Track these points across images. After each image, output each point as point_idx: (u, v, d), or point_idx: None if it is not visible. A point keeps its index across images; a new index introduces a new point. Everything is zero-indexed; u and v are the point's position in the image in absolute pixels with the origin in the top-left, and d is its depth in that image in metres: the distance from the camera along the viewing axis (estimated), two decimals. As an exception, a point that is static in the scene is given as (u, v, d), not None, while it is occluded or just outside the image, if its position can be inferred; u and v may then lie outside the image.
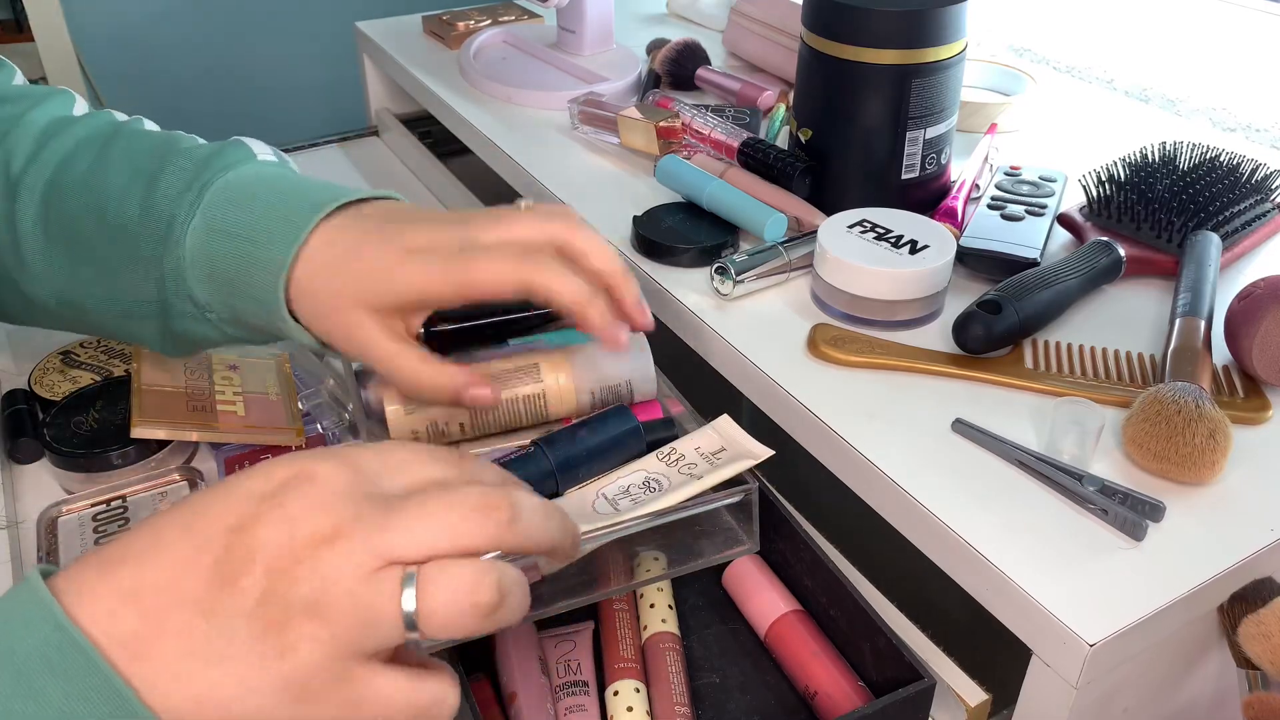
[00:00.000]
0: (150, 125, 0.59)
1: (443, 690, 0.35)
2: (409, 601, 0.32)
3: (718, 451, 0.54)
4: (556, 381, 0.57)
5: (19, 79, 0.61)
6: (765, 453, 0.53)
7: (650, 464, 0.54)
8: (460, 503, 0.34)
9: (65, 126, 0.56)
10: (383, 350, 0.49)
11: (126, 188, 0.52)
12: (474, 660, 0.55)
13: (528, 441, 0.55)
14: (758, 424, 0.57)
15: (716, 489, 0.51)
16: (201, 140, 0.56)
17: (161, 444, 0.63)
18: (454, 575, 0.33)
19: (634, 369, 0.58)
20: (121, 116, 0.59)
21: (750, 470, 0.52)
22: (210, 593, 0.32)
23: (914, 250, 0.62)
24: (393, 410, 0.55)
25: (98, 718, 0.31)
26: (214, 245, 0.51)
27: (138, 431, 0.61)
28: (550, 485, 0.53)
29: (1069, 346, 0.60)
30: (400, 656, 0.35)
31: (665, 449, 0.55)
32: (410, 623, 0.32)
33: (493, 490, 0.35)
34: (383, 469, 0.35)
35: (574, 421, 0.57)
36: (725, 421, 0.55)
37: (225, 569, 0.32)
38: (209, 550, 0.32)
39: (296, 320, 0.50)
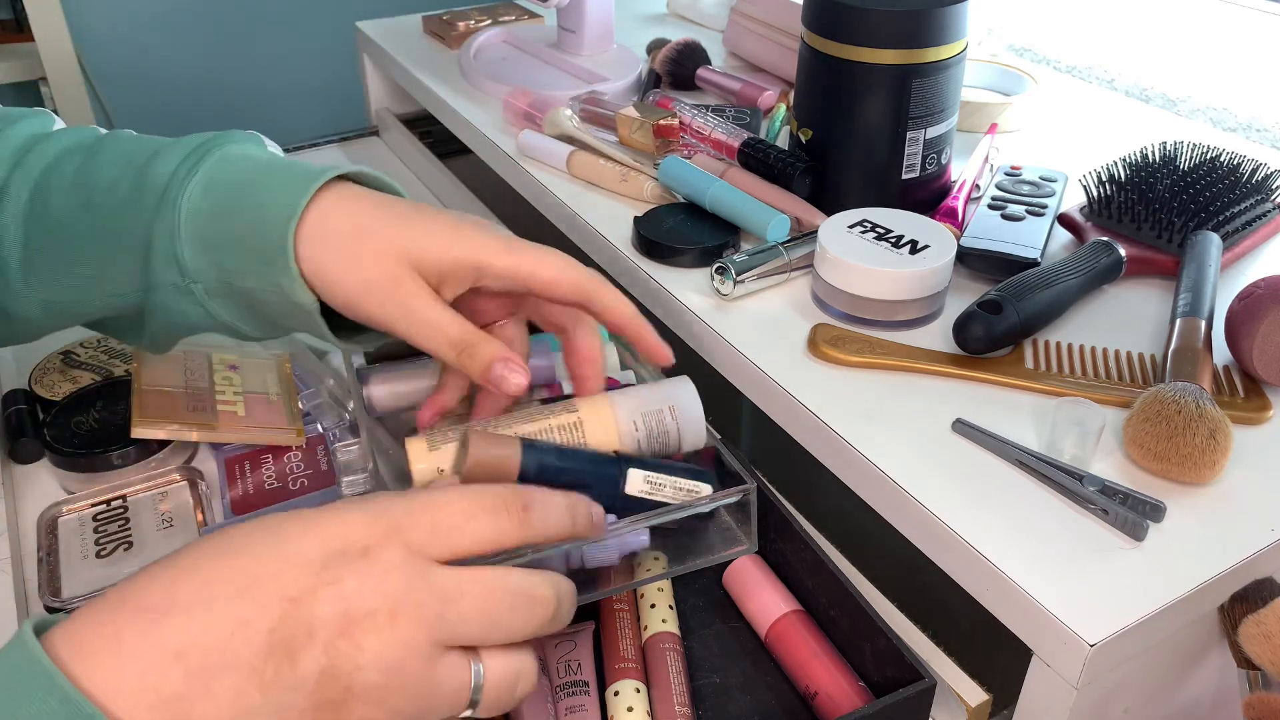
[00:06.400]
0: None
1: None
2: (478, 692, 0.35)
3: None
4: (594, 408, 0.51)
5: None
6: None
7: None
8: (510, 592, 0.35)
9: (46, 139, 0.53)
10: (431, 311, 0.45)
11: (117, 178, 0.49)
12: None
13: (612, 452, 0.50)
14: (757, 424, 0.56)
15: (715, 489, 0.51)
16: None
17: (162, 444, 0.63)
18: (506, 668, 0.36)
19: (674, 394, 0.53)
20: (103, 131, 0.56)
21: (750, 470, 0.52)
22: (267, 663, 0.31)
23: (914, 250, 0.62)
24: (415, 448, 0.49)
25: None
26: (213, 198, 0.47)
27: (138, 431, 0.61)
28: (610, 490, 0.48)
29: (1069, 346, 0.60)
30: None
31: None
32: (473, 703, 0.35)
33: (541, 582, 0.36)
34: (433, 537, 0.35)
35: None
36: None
37: (283, 641, 0.32)
38: (264, 618, 0.32)
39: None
